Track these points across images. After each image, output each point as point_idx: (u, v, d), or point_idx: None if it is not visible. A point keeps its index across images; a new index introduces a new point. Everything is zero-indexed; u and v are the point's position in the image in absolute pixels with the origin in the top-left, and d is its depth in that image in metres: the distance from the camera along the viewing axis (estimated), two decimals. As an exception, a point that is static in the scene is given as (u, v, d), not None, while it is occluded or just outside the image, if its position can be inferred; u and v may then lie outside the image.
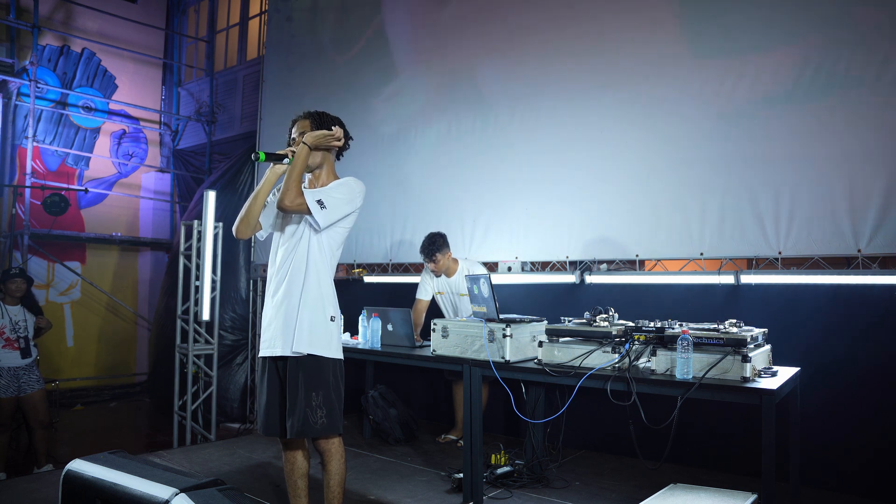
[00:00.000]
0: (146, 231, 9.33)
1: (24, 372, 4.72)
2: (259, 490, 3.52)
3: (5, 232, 7.61)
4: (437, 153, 5.28)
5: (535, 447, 3.62)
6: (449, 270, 4.36)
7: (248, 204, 2.55)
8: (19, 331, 4.72)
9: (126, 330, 9.05)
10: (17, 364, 4.67)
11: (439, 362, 3.47)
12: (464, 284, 4.21)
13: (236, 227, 2.58)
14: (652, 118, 4.12)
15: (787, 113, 3.61)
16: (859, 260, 3.37)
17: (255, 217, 2.56)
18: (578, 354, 2.86)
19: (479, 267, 4.41)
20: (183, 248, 5.85)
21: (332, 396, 2.51)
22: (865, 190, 3.35)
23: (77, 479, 1.59)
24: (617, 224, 4.22)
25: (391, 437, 4.54)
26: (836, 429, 3.38)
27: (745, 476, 3.50)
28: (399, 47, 5.67)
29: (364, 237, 5.68)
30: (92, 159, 8.77)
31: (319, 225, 2.48)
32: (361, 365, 4.85)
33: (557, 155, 4.52)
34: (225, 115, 8.97)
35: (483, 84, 5.03)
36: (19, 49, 7.97)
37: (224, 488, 1.41)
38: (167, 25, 9.67)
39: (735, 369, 2.50)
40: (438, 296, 4.50)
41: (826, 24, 3.51)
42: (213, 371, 5.80)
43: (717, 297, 3.83)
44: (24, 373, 4.71)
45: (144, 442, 6.63)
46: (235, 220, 2.59)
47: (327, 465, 2.56)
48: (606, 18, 4.38)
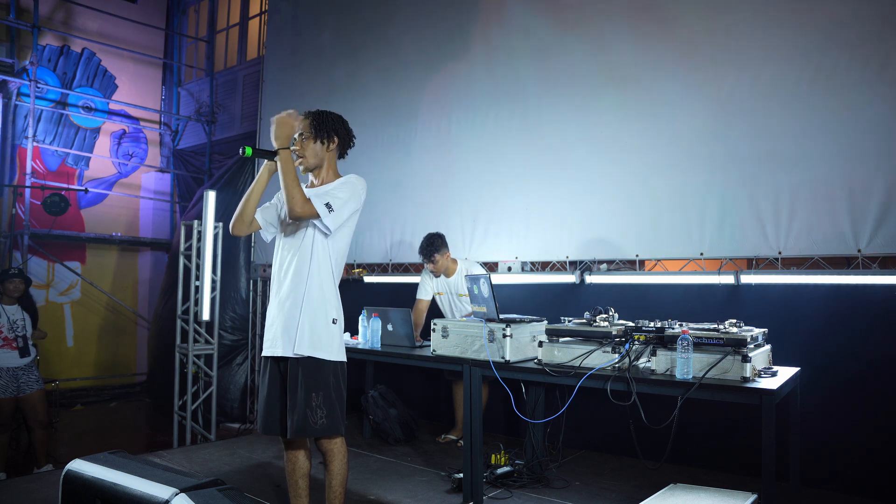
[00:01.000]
0: (146, 231, 9.33)
1: (24, 372, 4.72)
2: (259, 490, 3.52)
3: (5, 232, 7.61)
4: (437, 153, 5.28)
5: (535, 447, 3.62)
6: (448, 271, 4.36)
7: (242, 202, 2.56)
8: (17, 330, 4.72)
9: (126, 330, 9.05)
10: (15, 364, 4.67)
11: (439, 362, 3.47)
12: (463, 285, 4.21)
13: (232, 225, 2.60)
14: (652, 118, 4.12)
15: (787, 113, 3.61)
16: (859, 260, 3.37)
17: (251, 215, 2.58)
18: (578, 354, 2.86)
19: (477, 267, 4.41)
20: (183, 248, 5.86)
21: (333, 397, 2.50)
22: (865, 190, 3.34)
23: (77, 479, 1.59)
24: (617, 224, 4.22)
25: (391, 437, 4.54)
26: (836, 429, 3.38)
27: (745, 476, 3.50)
28: (399, 47, 5.66)
29: (364, 237, 5.68)
30: (92, 159, 8.77)
31: (329, 229, 2.47)
32: (361, 365, 4.85)
33: (557, 155, 4.52)
34: (225, 115, 8.97)
35: (483, 85, 5.03)
36: (19, 49, 7.97)
37: (224, 488, 1.41)
38: (167, 25, 9.67)
39: (735, 369, 2.50)
40: (438, 296, 4.50)
41: (827, 24, 3.51)
42: (213, 371, 5.80)
43: (717, 297, 3.83)
44: (23, 373, 4.71)
45: (144, 442, 6.63)
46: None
47: (329, 465, 2.56)
48: (606, 19, 4.39)
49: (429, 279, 4.48)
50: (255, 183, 2.56)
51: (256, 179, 2.57)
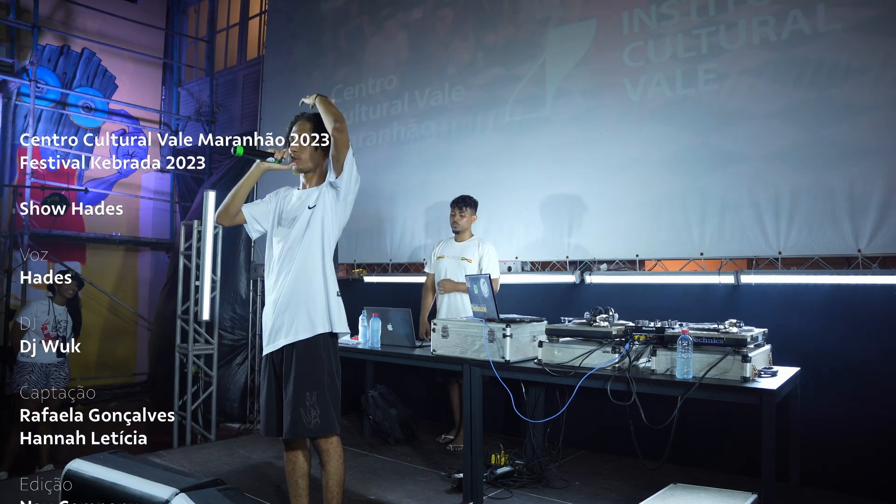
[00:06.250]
0: (146, 231, 9.32)
1: (55, 369, 4.83)
2: (259, 490, 3.52)
3: (5, 232, 7.60)
4: (436, 153, 5.28)
5: (535, 447, 3.61)
6: (464, 234, 4.32)
7: (230, 196, 2.63)
8: (60, 330, 4.86)
9: (126, 330, 9.05)
10: (50, 361, 4.78)
11: (439, 362, 3.47)
12: (469, 250, 4.22)
13: (217, 215, 2.67)
14: (652, 118, 4.12)
15: (786, 112, 3.61)
16: (859, 260, 3.37)
17: (236, 208, 2.64)
18: (578, 354, 2.86)
19: (490, 246, 4.29)
20: (183, 248, 5.86)
21: (327, 396, 2.50)
22: (865, 190, 3.35)
23: (77, 479, 1.59)
24: (617, 224, 4.22)
25: (391, 437, 4.54)
26: (836, 429, 3.37)
27: (745, 476, 3.50)
28: (399, 47, 5.66)
29: (364, 237, 5.67)
30: (92, 159, 8.76)
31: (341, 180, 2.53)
32: (361, 365, 4.85)
33: (558, 154, 4.52)
34: (225, 115, 8.96)
35: (483, 84, 5.03)
36: (19, 49, 7.97)
37: (224, 488, 1.41)
38: (167, 25, 9.66)
39: (735, 369, 2.49)
40: (438, 261, 4.39)
41: (827, 24, 3.51)
42: (213, 371, 5.80)
43: (717, 297, 3.83)
44: (54, 370, 4.83)
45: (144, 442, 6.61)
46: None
47: (325, 465, 2.56)
48: (606, 19, 4.38)
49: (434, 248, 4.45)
50: (245, 179, 2.62)
51: (247, 176, 2.62)
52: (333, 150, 2.53)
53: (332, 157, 2.55)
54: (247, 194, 2.66)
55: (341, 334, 2.62)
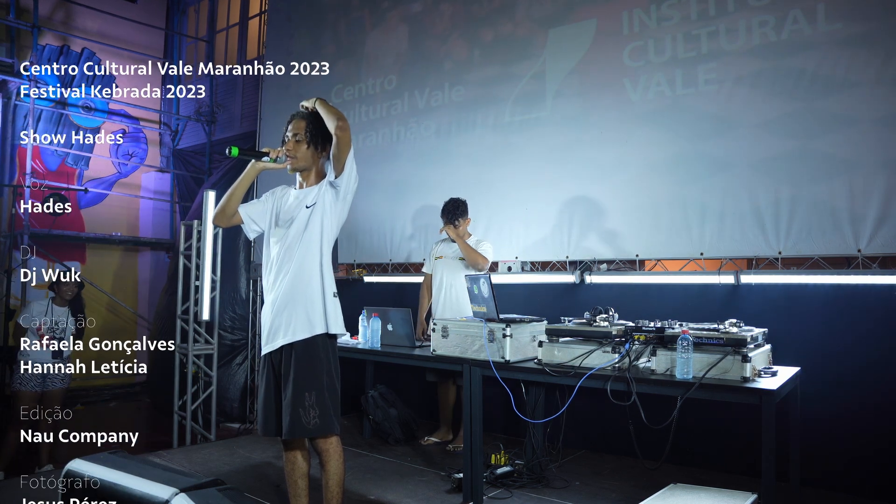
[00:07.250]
0: (146, 231, 9.33)
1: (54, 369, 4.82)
2: (259, 490, 3.52)
3: (5, 232, 7.60)
4: (436, 153, 5.28)
5: (535, 447, 3.61)
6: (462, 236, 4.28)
7: (226, 196, 2.63)
8: (57, 332, 4.84)
9: (126, 330, 9.04)
10: (48, 361, 4.76)
11: (439, 362, 3.47)
12: None
13: (214, 216, 2.68)
14: (652, 118, 4.12)
15: (786, 112, 3.61)
16: (859, 260, 3.37)
17: (233, 209, 2.65)
18: (578, 354, 2.86)
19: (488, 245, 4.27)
20: (183, 248, 5.86)
21: (326, 396, 2.50)
22: (865, 190, 3.34)
23: (77, 479, 1.59)
24: (617, 224, 4.22)
25: (391, 437, 4.54)
26: (836, 429, 3.37)
27: (745, 476, 3.50)
28: (399, 42, 5.66)
29: (364, 237, 5.67)
30: (92, 159, 8.77)
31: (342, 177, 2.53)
32: (361, 365, 4.85)
33: (557, 154, 4.52)
34: (225, 115, 8.97)
35: (482, 84, 5.03)
36: (19, 49, 7.97)
37: (224, 488, 1.41)
38: (167, 25, 9.67)
39: (735, 369, 2.49)
40: (437, 261, 4.38)
41: (826, 24, 3.51)
42: (213, 371, 5.80)
43: (717, 297, 3.83)
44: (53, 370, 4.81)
45: (144, 442, 6.62)
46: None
47: (325, 465, 2.56)
48: (605, 20, 4.38)
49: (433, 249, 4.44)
50: (241, 179, 2.63)
51: (242, 176, 2.63)
52: (335, 150, 2.51)
53: (332, 157, 2.54)
54: (243, 195, 2.65)
55: (338, 335, 2.62)
